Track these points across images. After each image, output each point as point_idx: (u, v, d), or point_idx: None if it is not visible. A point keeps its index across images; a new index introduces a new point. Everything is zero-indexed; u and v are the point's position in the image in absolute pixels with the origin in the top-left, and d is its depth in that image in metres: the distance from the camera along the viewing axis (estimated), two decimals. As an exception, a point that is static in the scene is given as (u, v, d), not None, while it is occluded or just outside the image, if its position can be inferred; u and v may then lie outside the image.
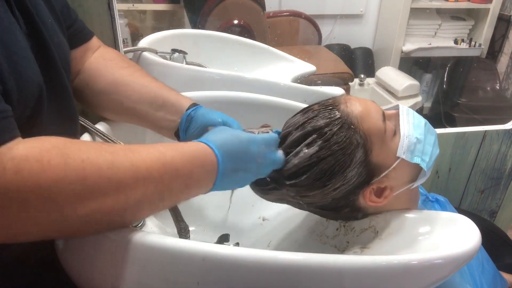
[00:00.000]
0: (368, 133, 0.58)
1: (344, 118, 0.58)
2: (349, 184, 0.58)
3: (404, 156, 0.59)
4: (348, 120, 0.58)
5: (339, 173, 0.57)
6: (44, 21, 0.53)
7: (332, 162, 0.57)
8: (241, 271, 0.44)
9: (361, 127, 0.58)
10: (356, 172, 0.58)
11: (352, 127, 0.57)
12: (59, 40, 0.56)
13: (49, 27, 0.54)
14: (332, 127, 0.57)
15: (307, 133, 0.58)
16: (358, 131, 0.57)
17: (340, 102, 0.60)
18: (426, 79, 2.73)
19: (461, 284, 0.67)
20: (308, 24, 2.26)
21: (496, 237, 1.13)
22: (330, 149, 0.57)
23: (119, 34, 0.87)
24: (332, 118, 0.58)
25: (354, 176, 0.58)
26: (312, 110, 0.60)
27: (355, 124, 0.57)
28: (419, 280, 0.48)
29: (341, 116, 0.58)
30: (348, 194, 0.59)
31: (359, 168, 0.58)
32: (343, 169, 0.57)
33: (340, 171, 0.57)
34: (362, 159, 0.57)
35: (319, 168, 0.57)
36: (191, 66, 1.02)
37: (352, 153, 0.57)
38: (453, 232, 0.55)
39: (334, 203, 0.61)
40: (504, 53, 2.59)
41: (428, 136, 0.62)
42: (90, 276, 0.49)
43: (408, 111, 0.63)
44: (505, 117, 1.22)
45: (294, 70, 1.19)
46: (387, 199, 0.61)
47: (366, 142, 0.57)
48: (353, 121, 0.58)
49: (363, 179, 0.59)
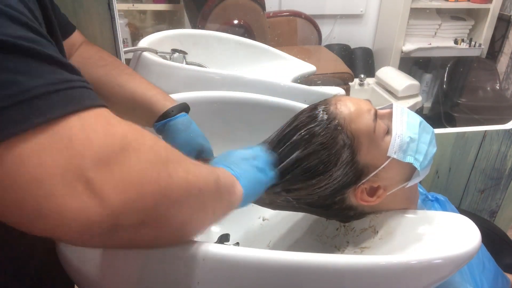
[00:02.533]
0: (356, 134, 0.58)
1: (331, 119, 0.59)
2: (334, 183, 0.59)
3: (396, 155, 0.59)
4: (335, 121, 0.58)
5: (324, 173, 0.58)
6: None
7: (316, 161, 0.58)
8: (241, 271, 0.44)
9: (349, 128, 0.58)
10: (342, 172, 0.58)
11: (339, 128, 0.58)
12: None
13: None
14: (319, 128, 0.58)
15: (295, 132, 0.59)
16: (345, 131, 0.58)
17: (330, 104, 0.61)
18: (426, 79, 2.73)
19: (461, 283, 0.66)
20: (308, 24, 2.26)
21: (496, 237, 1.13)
22: (314, 149, 0.58)
23: (119, 34, 0.87)
24: (319, 119, 0.59)
25: (340, 176, 0.59)
26: (304, 114, 0.62)
27: (342, 124, 0.58)
28: (419, 280, 0.48)
29: (328, 117, 0.59)
30: (334, 192, 0.60)
31: (345, 168, 0.58)
32: (328, 168, 0.58)
33: (325, 170, 0.58)
34: (349, 159, 0.58)
35: (302, 167, 0.58)
36: (191, 66, 1.02)
37: (338, 153, 0.58)
38: (453, 232, 0.55)
39: (321, 200, 0.61)
40: (504, 53, 2.59)
41: (423, 135, 0.62)
42: (91, 277, 0.49)
43: (403, 110, 0.62)
44: (505, 117, 1.22)
45: (294, 70, 1.19)
46: (380, 198, 0.61)
47: (353, 143, 0.58)
48: (340, 122, 0.58)
49: (350, 179, 0.59)
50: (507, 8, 2.53)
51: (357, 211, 0.64)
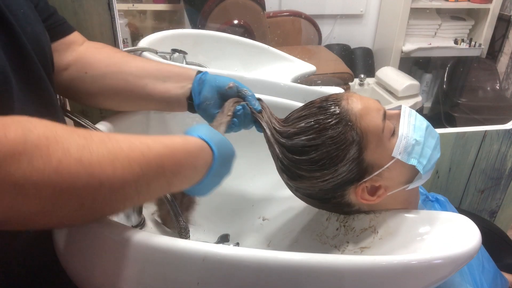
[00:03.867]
0: (365, 131, 0.58)
1: (343, 114, 0.58)
2: (338, 179, 0.59)
3: (400, 156, 0.59)
4: (347, 117, 0.58)
5: (330, 166, 0.58)
6: (14, 11, 0.51)
7: (324, 154, 0.58)
8: (241, 271, 0.44)
9: (359, 125, 0.58)
10: (348, 168, 0.58)
11: (350, 123, 0.58)
12: (33, 30, 0.54)
13: (20, 17, 0.52)
14: (330, 122, 0.58)
15: (306, 125, 0.59)
16: (355, 128, 0.58)
17: (342, 98, 0.61)
18: (426, 79, 2.73)
19: (461, 284, 0.66)
20: (308, 24, 2.26)
21: (496, 237, 1.13)
22: (324, 142, 0.58)
23: (119, 34, 0.87)
24: (331, 113, 0.59)
25: (344, 172, 0.58)
26: (314, 104, 0.61)
27: (353, 121, 0.58)
28: (419, 280, 0.48)
29: (340, 111, 0.59)
30: (336, 188, 0.60)
31: (351, 164, 0.58)
32: (334, 163, 0.58)
33: (331, 164, 0.58)
34: (355, 156, 0.58)
35: (310, 157, 0.58)
36: (191, 66, 1.02)
37: (346, 149, 0.58)
38: (453, 232, 0.55)
39: (321, 193, 0.62)
40: (504, 53, 2.59)
41: (429, 139, 0.62)
42: (91, 277, 0.49)
43: (411, 113, 0.63)
44: (505, 117, 1.22)
45: (294, 70, 1.19)
46: (381, 198, 0.61)
47: (361, 140, 0.58)
48: (351, 118, 0.58)
49: (353, 176, 0.59)
50: (507, 8, 2.53)
51: (354, 208, 0.64)
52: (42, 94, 0.55)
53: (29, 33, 0.53)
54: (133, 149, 0.40)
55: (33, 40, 0.53)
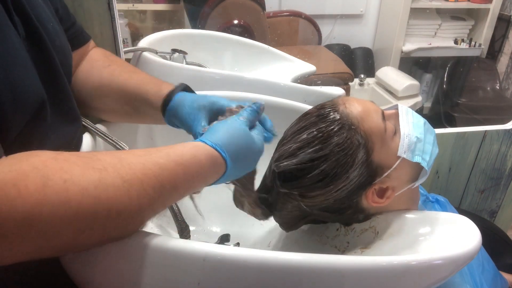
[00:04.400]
0: (369, 133, 0.58)
1: (344, 119, 0.58)
2: (351, 185, 0.58)
3: (405, 155, 0.59)
4: (348, 121, 0.58)
5: (342, 174, 0.57)
6: (45, 25, 0.52)
7: (334, 163, 0.57)
8: (241, 271, 0.44)
9: (362, 127, 0.58)
10: (358, 173, 0.58)
11: (353, 127, 0.57)
12: (61, 44, 0.55)
13: (50, 30, 0.53)
14: (333, 128, 0.57)
15: (308, 136, 0.58)
16: (358, 131, 0.57)
17: (339, 103, 0.60)
18: (426, 79, 2.73)
19: (461, 284, 0.66)
20: (308, 24, 2.26)
21: (496, 237, 1.13)
22: (332, 151, 0.57)
23: (119, 34, 0.87)
24: (332, 120, 0.58)
25: (356, 177, 0.58)
26: (311, 114, 0.61)
27: (356, 124, 0.57)
28: (419, 280, 0.48)
29: (340, 117, 0.58)
30: (351, 195, 0.59)
31: (361, 168, 0.57)
32: (345, 170, 0.57)
33: (342, 172, 0.57)
34: (364, 159, 0.57)
35: (320, 170, 0.57)
36: (191, 66, 1.02)
37: (354, 153, 0.57)
38: (453, 232, 0.55)
39: (337, 204, 0.60)
40: (504, 53, 2.59)
41: (428, 135, 0.62)
42: (91, 277, 0.49)
43: (408, 111, 0.63)
44: (505, 117, 1.22)
45: (294, 70, 1.19)
46: (390, 199, 0.61)
47: (367, 142, 0.57)
48: (353, 122, 0.58)
49: (365, 180, 0.58)
50: (507, 8, 2.53)
51: (365, 214, 0.64)
52: (68, 111, 0.57)
53: (57, 47, 0.53)
54: (146, 173, 0.41)
55: (60, 54, 0.54)
